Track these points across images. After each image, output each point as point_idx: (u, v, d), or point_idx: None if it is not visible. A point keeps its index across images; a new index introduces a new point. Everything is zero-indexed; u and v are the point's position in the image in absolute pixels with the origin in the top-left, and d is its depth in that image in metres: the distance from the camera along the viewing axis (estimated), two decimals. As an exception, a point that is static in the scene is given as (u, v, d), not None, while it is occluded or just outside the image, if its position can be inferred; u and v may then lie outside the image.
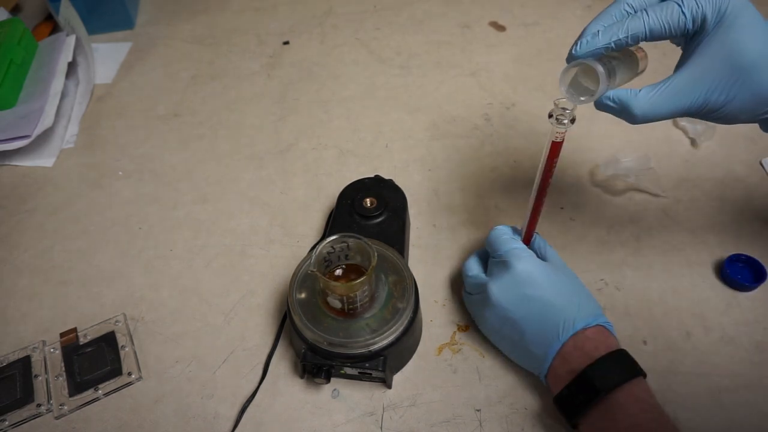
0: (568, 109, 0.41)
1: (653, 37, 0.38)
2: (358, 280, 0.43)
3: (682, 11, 0.36)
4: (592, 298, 0.47)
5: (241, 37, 0.94)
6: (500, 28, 0.92)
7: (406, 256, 0.55)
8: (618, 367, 0.41)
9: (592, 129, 0.73)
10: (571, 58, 0.40)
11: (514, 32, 0.91)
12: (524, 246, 0.48)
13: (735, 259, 0.55)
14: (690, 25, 0.37)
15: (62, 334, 0.53)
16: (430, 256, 0.59)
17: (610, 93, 0.38)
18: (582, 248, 0.59)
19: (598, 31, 0.38)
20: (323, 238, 0.47)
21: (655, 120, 0.39)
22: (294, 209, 0.65)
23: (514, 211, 0.63)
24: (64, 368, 0.51)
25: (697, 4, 0.36)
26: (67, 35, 0.84)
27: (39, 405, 0.49)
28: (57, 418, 0.48)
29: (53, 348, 0.53)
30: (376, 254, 0.44)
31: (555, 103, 0.41)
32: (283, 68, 0.87)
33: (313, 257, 0.45)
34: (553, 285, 0.45)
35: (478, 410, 0.47)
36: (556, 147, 0.43)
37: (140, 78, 0.87)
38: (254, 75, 0.86)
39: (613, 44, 0.38)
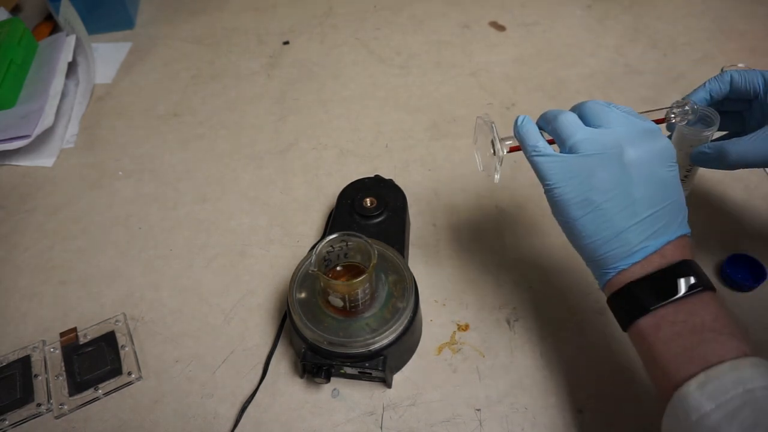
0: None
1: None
2: (360, 279, 0.43)
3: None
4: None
5: (241, 37, 0.94)
6: (500, 28, 0.92)
7: (406, 256, 0.55)
8: (706, 275, 0.38)
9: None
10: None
11: (514, 32, 0.91)
12: None
13: (735, 259, 0.55)
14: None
15: (62, 334, 0.53)
16: (430, 256, 0.59)
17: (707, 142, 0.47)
18: (582, 248, 0.59)
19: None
20: (323, 237, 0.47)
21: (746, 166, 0.45)
22: (294, 209, 0.65)
23: (515, 211, 0.63)
24: (64, 368, 0.51)
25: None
26: (67, 35, 0.84)
27: (39, 405, 0.49)
28: (57, 417, 0.48)
29: (53, 348, 0.53)
30: (376, 252, 0.44)
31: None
32: (283, 68, 0.87)
33: (314, 257, 0.45)
34: (678, 178, 0.40)
35: (478, 410, 0.47)
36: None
37: (140, 78, 0.87)
38: (254, 75, 0.86)
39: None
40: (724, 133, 0.54)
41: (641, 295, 0.38)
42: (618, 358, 0.50)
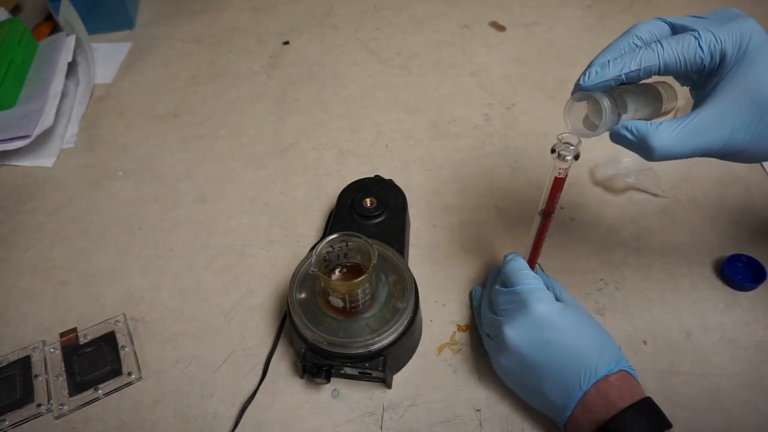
0: (572, 145, 0.39)
1: (668, 71, 0.35)
2: (360, 279, 0.43)
3: (699, 45, 0.34)
4: (612, 340, 0.44)
5: (241, 37, 0.94)
6: (500, 28, 0.92)
7: (406, 256, 0.55)
8: (644, 419, 0.38)
9: (592, 129, 0.73)
10: (577, 89, 0.36)
11: (514, 32, 0.91)
12: (542, 285, 0.45)
13: (735, 259, 0.55)
14: (707, 60, 0.34)
15: (62, 334, 0.53)
16: (430, 256, 0.59)
17: (628, 123, 0.35)
18: (582, 248, 0.59)
19: (608, 62, 0.35)
20: (323, 237, 0.47)
21: (673, 157, 0.35)
22: (294, 209, 0.65)
23: (515, 211, 0.63)
24: (64, 368, 0.51)
25: (715, 38, 0.34)
26: (67, 35, 0.84)
27: (39, 405, 0.49)
28: (57, 418, 0.48)
29: (53, 348, 0.53)
30: (376, 252, 0.44)
31: (558, 138, 0.39)
32: (283, 68, 0.87)
33: (314, 257, 0.45)
34: (573, 328, 0.42)
35: (478, 410, 0.47)
36: (558, 183, 0.41)
37: (140, 78, 0.87)
38: (254, 75, 0.86)
39: (623, 76, 0.35)
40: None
41: None
42: (618, 358, 0.50)
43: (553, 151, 0.39)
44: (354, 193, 0.58)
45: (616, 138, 0.37)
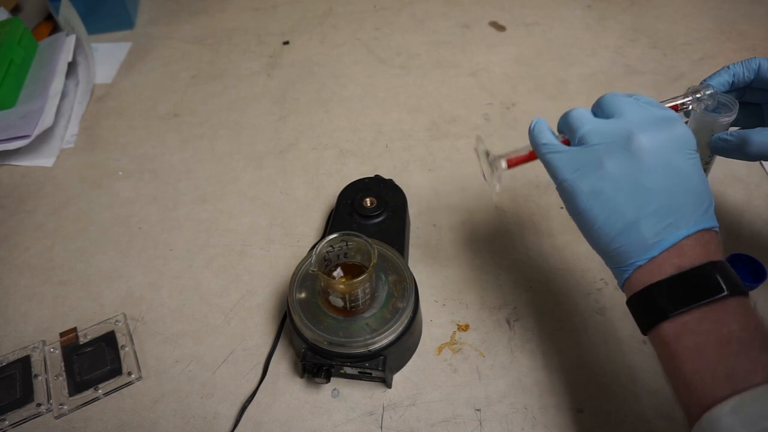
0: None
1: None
2: (360, 278, 0.43)
3: None
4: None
5: (241, 37, 0.94)
6: (500, 28, 0.92)
7: (406, 256, 0.55)
8: (737, 276, 0.35)
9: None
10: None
11: (514, 32, 0.91)
12: None
13: (735, 259, 0.55)
14: None
15: (62, 334, 0.53)
16: (430, 256, 0.59)
17: (723, 133, 0.44)
18: (582, 248, 0.59)
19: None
20: (323, 237, 0.47)
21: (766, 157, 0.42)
22: (294, 209, 0.65)
23: (515, 211, 0.63)
24: (64, 368, 0.51)
25: None
26: (67, 35, 0.84)
27: (39, 405, 0.49)
28: (57, 417, 0.48)
29: (53, 348, 0.53)
30: (376, 251, 0.44)
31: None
32: (283, 68, 0.87)
33: (314, 256, 0.45)
34: (698, 168, 0.38)
35: (478, 410, 0.47)
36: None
37: (140, 78, 0.87)
38: (254, 75, 0.86)
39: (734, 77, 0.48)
40: (736, 128, 0.51)
41: (660, 300, 0.35)
42: (618, 358, 0.50)
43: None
44: (354, 192, 0.58)
45: (717, 145, 0.46)
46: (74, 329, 0.53)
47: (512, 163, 0.43)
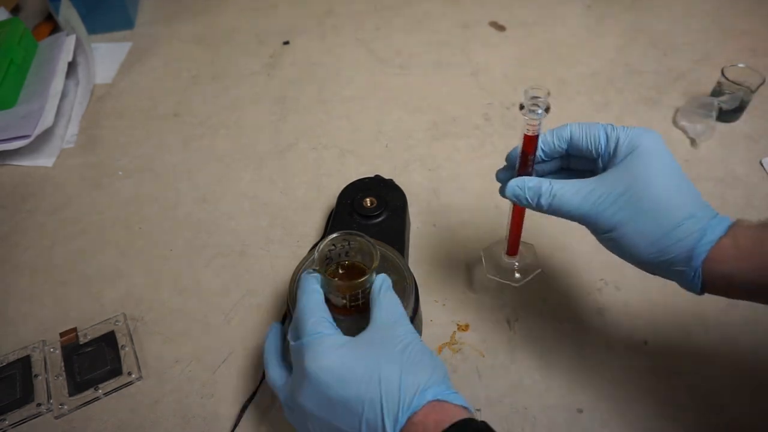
0: (540, 97, 0.39)
1: (573, 143, 0.41)
2: (362, 279, 0.43)
3: (605, 130, 0.40)
4: (419, 362, 0.36)
5: (241, 37, 0.94)
6: (500, 28, 0.92)
7: (406, 256, 0.55)
8: None
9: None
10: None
11: (514, 32, 0.91)
12: (331, 323, 0.39)
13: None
14: (604, 140, 0.40)
15: (62, 334, 0.53)
16: (430, 256, 0.59)
17: (521, 181, 0.41)
18: (582, 248, 0.59)
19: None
20: (325, 236, 0.46)
21: (560, 212, 0.40)
22: (294, 209, 0.65)
23: (514, 211, 0.63)
24: (64, 368, 0.51)
25: (613, 128, 0.40)
26: (67, 35, 0.84)
27: (39, 404, 0.49)
28: (57, 417, 0.48)
29: (53, 348, 0.53)
30: (378, 252, 0.44)
31: (525, 91, 0.39)
32: (283, 68, 0.87)
33: (316, 253, 0.44)
34: (361, 375, 0.35)
35: (478, 410, 0.47)
36: (529, 141, 0.40)
37: (140, 78, 0.87)
38: (254, 75, 0.86)
39: (543, 145, 0.43)
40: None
41: None
42: (618, 358, 0.50)
43: (522, 107, 0.39)
44: (354, 192, 0.58)
45: (511, 193, 0.42)
46: (74, 329, 0.53)
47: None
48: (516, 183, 0.42)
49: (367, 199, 0.57)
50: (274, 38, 0.93)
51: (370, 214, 0.56)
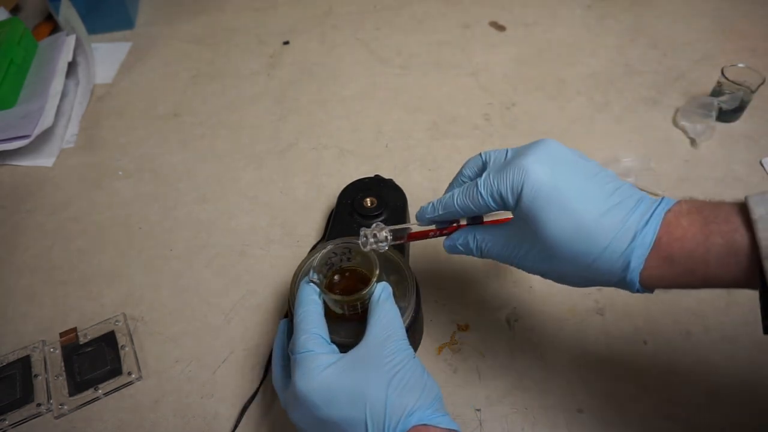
0: (376, 235, 0.41)
1: (467, 213, 0.39)
2: (360, 293, 0.42)
3: (480, 193, 0.37)
4: (411, 385, 0.36)
5: (241, 37, 0.94)
6: (500, 28, 0.92)
7: (406, 256, 0.55)
8: None
9: (592, 128, 0.73)
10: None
11: (514, 32, 0.91)
12: (324, 338, 0.39)
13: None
14: (491, 202, 0.37)
15: (62, 334, 0.53)
16: (430, 256, 0.59)
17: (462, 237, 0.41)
18: (582, 248, 0.59)
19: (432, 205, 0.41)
20: (323, 239, 0.46)
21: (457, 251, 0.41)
22: (294, 209, 0.65)
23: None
24: (64, 368, 0.51)
25: (492, 183, 0.37)
26: (67, 35, 0.84)
27: (39, 404, 0.49)
28: (57, 417, 0.48)
29: (53, 348, 0.53)
30: (378, 264, 0.44)
31: (362, 233, 0.42)
32: (283, 68, 0.87)
33: (316, 261, 0.44)
34: (348, 397, 0.35)
35: (478, 410, 0.47)
36: (413, 236, 0.42)
37: (140, 78, 0.87)
38: (254, 75, 0.86)
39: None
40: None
41: None
42: (618, 358, 0.50)
43: (364, 246, 0.42)
44: (354, 192, 0.58)
45: (450, 252, 0.42)
46: (74, 329, 0.53)
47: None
48: (449, 243, 0.42)
49: (367, 199, 0.57)
50: (274, 38, 0.93)
51: (370, 214, 0.56)
